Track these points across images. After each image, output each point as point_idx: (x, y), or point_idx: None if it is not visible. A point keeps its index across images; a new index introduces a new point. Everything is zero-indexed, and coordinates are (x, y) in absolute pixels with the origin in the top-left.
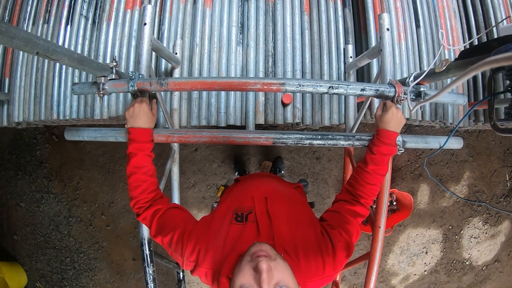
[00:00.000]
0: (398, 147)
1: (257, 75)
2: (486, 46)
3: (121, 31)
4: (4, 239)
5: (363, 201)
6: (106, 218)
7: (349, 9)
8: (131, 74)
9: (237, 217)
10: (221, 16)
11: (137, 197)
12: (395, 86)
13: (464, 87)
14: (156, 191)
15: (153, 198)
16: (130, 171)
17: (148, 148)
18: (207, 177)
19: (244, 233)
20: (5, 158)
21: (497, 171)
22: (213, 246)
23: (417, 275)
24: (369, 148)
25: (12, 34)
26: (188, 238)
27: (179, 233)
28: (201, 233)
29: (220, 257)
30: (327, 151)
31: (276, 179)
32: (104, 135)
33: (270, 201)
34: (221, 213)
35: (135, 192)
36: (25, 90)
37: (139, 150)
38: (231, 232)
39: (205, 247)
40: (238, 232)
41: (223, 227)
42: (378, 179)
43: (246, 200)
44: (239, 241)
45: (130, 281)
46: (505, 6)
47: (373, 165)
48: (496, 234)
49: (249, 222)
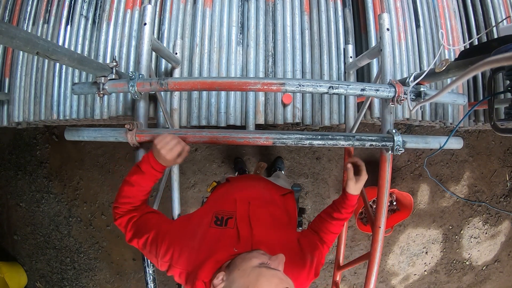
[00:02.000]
0: (398, 148)
1: (257, 75)
2: (486, 46)
3: (121, 31)
4: (4, 239)
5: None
6: (106, 218)
7: (349, 9)
8: (131, 74)
9: (216, 220)
10: (221, 16)
11: (120, 204)
12: (395, 86)
13: (464, 87)
14: (138, 207)
15: (132, 210)
16: (128, 181)
17: (157, 176)
18: (207, 177)
19: (223, 239)
20: (5, 158)
21: (497, 171)
22: (187, 247)
23: (417, 275)
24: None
25: (12, 34)
26: (162, 239)
27: (154, 234)
28: (176, 234)
29: (195, 259)
30: (327, 151)
31: (264, 183)
32: (104, 135)
33: (252, 206)
34: (200, 214)
35: (122, 199)
36: (25, 90)
37: (148, 173)
38: (209, 236)
39: (180, 247)
40: (216, 237)
41: (200, 229)
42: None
43: (228, 204)
44: (217, 246)
45: (130, 281)
46: (505, 6)
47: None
48: (496, 234)
49: (229, 228)
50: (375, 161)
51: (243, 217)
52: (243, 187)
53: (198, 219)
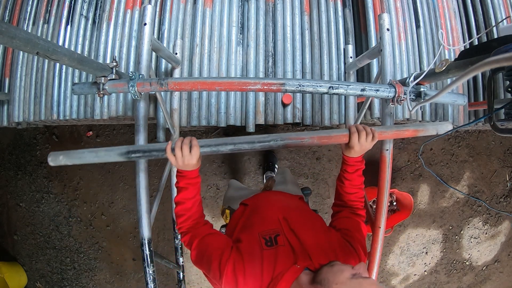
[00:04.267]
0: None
1: (257, 75)
2: (486, 46)
3: (121, 31)
4: (4, 239)
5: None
6: (106, 218)
7: (349, 9)
8: (131, 74)
9: (266, 242)
10: (221, 16)
11: (182, 223)
12: (395, 86)
13: (464, 87)
14: (198, 220)
15: (194, 226)
16: (178, 200)
17: (197, 182)
18: (207, 177)
19: (280, 257)
20: (5, 158)
21: (497, 171)
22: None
23: (417, 275)
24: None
25: (12, 34)
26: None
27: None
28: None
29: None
30: (327, 151)
31: (283, 195)
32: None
33: (289, 219)
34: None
35: (180, 219)
36: (25, 90)
37: (189, 185)
38: (265, 258)
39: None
40: (273, 258)
41: (255, 254)
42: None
43: (267, 223)
44: (279, 267)
45: (130, 281)
46: (505, 6)
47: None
48: (496, 235)
49: (280, 245)
50: (375, 161)
51: (288, 231)
52: (268, 204)
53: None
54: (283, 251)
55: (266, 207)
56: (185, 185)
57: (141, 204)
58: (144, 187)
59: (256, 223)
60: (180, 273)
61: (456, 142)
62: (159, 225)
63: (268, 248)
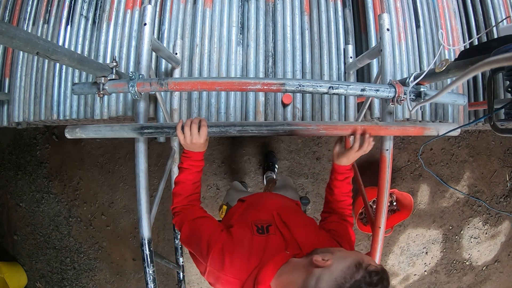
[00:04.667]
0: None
1: (257, 75)
2: (486, 46)
3: (121, 31)
4: (4, 239)
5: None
6: (106, 218)
7: (349, 9)
8: (131, 74)
9: (258, 229)
10: (221, 16)
11: (177, 202)
12: (395, 86)
13: (464, 87)
14: (194, 202)
15: (189, 207)
16: (179, 180)
17: (200, 166)
18: (207, 177)
19: (270, 245)
20: (5, 158)
21: (497, 172)
22: (238, 255)
23: (417, 276)
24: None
25: (12, 34)
26: (214, 245)
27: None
28: (227, 242)
29: (247, 267)
30: (327, 151)
31: (281, 196)
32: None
33: (282, 215)
34: (240, 223)
35: (177, 198)
36: (25, 90)
37: (192, 166)
38: (255, 244)
39: (230, 255)
40: (263, 244)
41: (246, 237)
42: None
43: (262, 214)
44: (268, 252)
45: (130, 281)
46: (505, 6)
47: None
48: (496, 235)
49: (271, 234)
50: (375, 161)
51: (280, 223)
52: (265, 201)
53: (240, 227)
54: (273, 239)
55: (262, 203)
56: (188, 166)
57: (141, 204)
58: (144, 187)
59: (251, 214)
60: (180, 273)
61: (456, 142)
62: (159, 225)
63: (259, 235)
